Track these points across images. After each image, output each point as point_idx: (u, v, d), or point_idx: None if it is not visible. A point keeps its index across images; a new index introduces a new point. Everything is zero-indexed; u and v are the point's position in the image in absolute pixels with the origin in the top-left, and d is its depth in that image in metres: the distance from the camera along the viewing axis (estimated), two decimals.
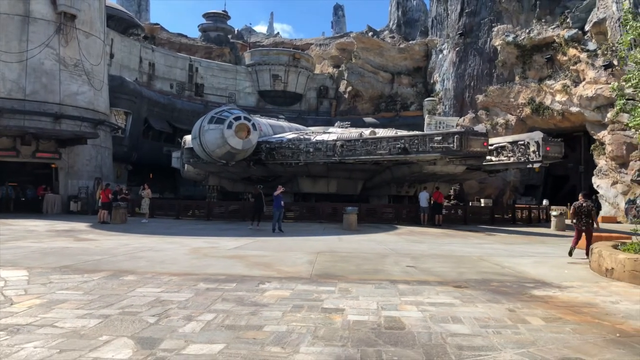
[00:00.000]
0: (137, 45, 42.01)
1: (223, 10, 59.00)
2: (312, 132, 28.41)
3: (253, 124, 24.07)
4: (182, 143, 28.32)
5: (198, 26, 58.64)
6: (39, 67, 26.07)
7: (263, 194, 20.27)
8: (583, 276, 8.90)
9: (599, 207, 26.15)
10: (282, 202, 17.99)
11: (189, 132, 27.31)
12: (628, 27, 9.45)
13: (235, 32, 63.61)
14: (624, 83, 10.44)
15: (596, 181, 30.51)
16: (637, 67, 9.60)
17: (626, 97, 10.34)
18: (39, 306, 5.83)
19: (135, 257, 10.28)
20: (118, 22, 40.14)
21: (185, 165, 29.05)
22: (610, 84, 29.14)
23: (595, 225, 11.81)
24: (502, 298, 6.72)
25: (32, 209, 26.03)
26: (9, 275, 7.82)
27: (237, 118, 23.60)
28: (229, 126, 23.16)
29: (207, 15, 58.10)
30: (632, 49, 10.21)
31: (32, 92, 25.74)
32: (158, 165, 38.03)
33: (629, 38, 9.71)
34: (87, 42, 28.56)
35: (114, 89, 32.62)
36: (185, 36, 55.70)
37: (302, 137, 26.23)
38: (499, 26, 37.52)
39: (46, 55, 26.34)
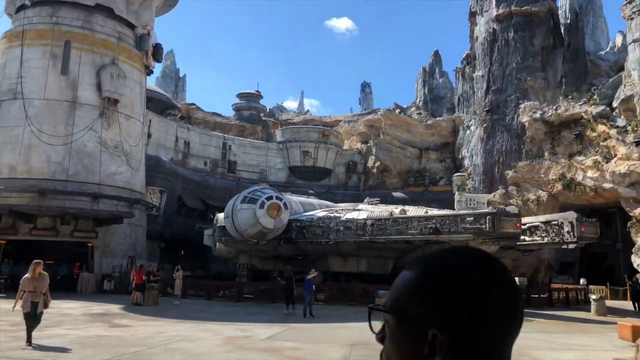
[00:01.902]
0: (174, 125, 43.88)
1: (256, 90, 61.50)
2: (342, 210, 28.60)
3: (284, 203, 24.47)
4: (215, 221, 28.81)
5: (232, 105, 61.03)
6: (82, 149, 27.41)
7: (293, 275, 20.30)
8: None
9: (639, 290, 25.12)
10: (314, 286, 17.95)
11: (221, 209, 27.85)
12: None
13: (267, 110, 65.91)
14: None
15: (636, 260, 29.49)
16: None
17: None
18: None
19: (170, 350, 10.31)
20: (157, 104, 42.23)
21: (217, 243, 29.38)
22: None
23: None
24: None
25: (66, 287, 26.44)
26: None
27: (269, 197, 24.07)
28: (261, 206, 23.60)
29: (240, 95, 60.61)
30: None
31: (74, 173, 26.94)
32: (190, 242, 38.51)
33: None
34: (128, 125, 30.05)
35: (151, 168, 33.82)
36: (220, 115, 57.95)
37: (332, 215, 26.44)
38: (525, 103, 38.02)
39: (89, 137, 27.76)
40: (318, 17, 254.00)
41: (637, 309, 22.10)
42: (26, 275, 10.38)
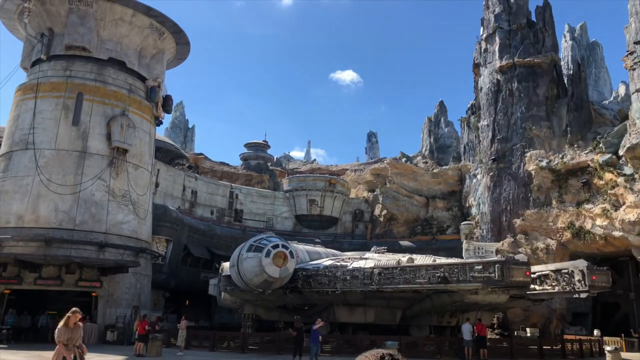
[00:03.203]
0: (182, 175, 44.28)
1: (263, 140, 62.36)
2: (349, 258, 28.30)
3: (290, 252, 24.28)
4: (220, 270, 28.58)
5: (239, 155, 61.79)
6: (90, 199, 27.59)
7: (303, 325, 19.94)
8: None
9: None
10: (320, 337, 17.57)
11: (227, 258, 27.68)
12: None
13: (274, 159, 66.57)
14: None
15: None
16: None
17: None
18: None
19: None
20: (165, 154, 42.78)
21: (222, 293, 29.03)
22: None
23: None
24: None
25: None
26: None
27: (275, 246, 23.90)
28: (267, 254, 23.40)
29: (248, 145, 61.44)
30: None
31: (81, 222, 27.00)
32: (195, 292, 38.10)
33: None
34: (136, 174, 30.34)
35: (157, 217, 33.88)
36: (227, 164, 58.57)
37: (338, 264, 26.16)
38: (531, 151, 38.15)
39: (97, 187, 27.98)
40: (323, 70, 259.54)
41: None
42: (60, 324, 9.39)
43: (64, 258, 25.51)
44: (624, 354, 23.85)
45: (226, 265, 26.80)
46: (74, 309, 9.55)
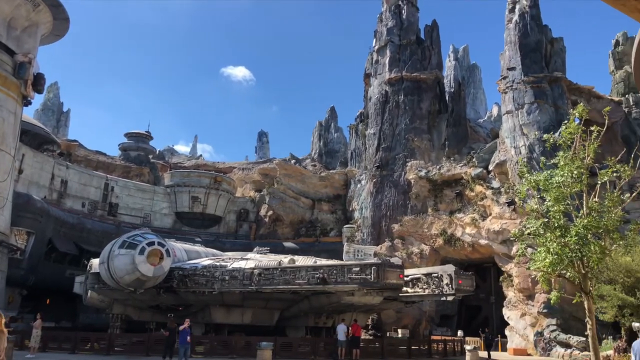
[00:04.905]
0: (51, 162, 40.56)
1: (146, 131, 59.19)
2: (230, 259, 27.62)
3: (167, 250, 23.15)
4: (88, 267, 26.51)
5: (119, 145, 57.98)
6: None
7: (177, 326, 18.99)
8: None
9: (490, 339, 26.77)
10: (189, 337, 16.79)
11: (97, 254, 25.82)
12: (524, 180, 10.30)
13: (157, 152, 63.55)
14: (524, 229, 11.18)
15: (506, 312, 31.36)
16: (534, 216, 10.29)
17: (526, 245, 11.01)
18: None
19: None
20: (33, 138, 38.94)
21: (89, 291, 26.93)
22: (513, 219, 31.41)
23: None
24: None
25: None
26: None
27: (151, 243, 22.66)
28: (141, 252, 22.10)
29: (128, 135, 57.91)
30: (529, 197, 11.06)
31: None
32: (59, 290, 35.03)
33: (525, 189, 10.55)
34: None
35: (18, 207, 30.68)
36: (104, 154, 54.81)
37: (218, 264, 25.38)
38: (412, 161, 40.15)
39: None
40: (214, 63, 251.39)
41: (489, 356, 24.85)
42: None
43: None
44: (481, 353, 25.71)
45: (95, 262, 24.97)
46: None
